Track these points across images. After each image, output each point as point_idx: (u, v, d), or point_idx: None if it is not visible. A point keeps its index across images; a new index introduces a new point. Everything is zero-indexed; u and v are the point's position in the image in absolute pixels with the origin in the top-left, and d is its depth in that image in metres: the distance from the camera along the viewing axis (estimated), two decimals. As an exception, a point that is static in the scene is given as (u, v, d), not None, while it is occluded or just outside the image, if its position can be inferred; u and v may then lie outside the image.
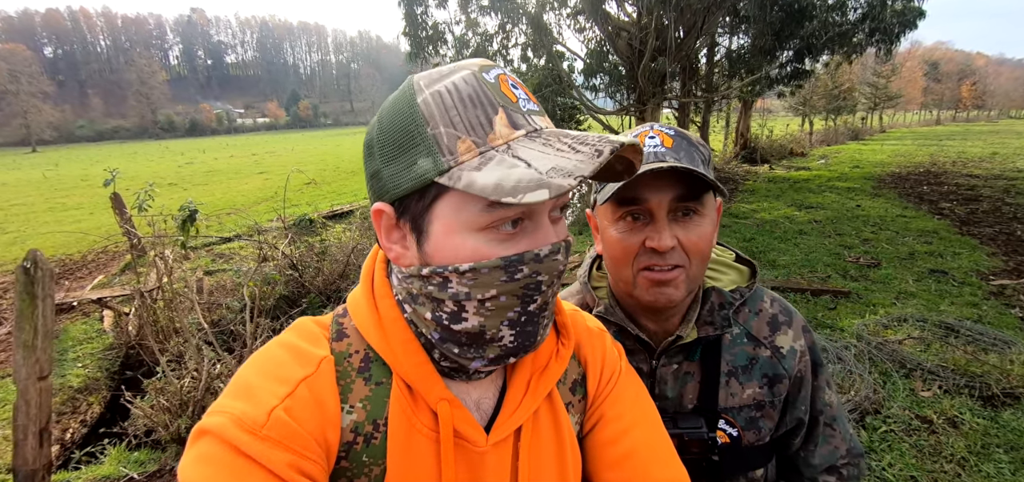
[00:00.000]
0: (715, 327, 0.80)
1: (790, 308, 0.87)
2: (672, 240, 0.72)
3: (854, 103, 31.01)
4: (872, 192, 10.34)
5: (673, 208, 0.73)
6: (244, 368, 0.52)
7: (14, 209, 15.16)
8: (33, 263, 1.67)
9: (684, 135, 0.77)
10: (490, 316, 0.50)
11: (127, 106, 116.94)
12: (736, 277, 0.88)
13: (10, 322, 6.17)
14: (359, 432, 0.52)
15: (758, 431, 0.81)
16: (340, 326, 0.57)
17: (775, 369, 0.81)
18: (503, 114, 0.47)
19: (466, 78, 0.48)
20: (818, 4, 11.64)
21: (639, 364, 0.84)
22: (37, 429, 1.98)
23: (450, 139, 0.46)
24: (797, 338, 0.84)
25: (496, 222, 0.47)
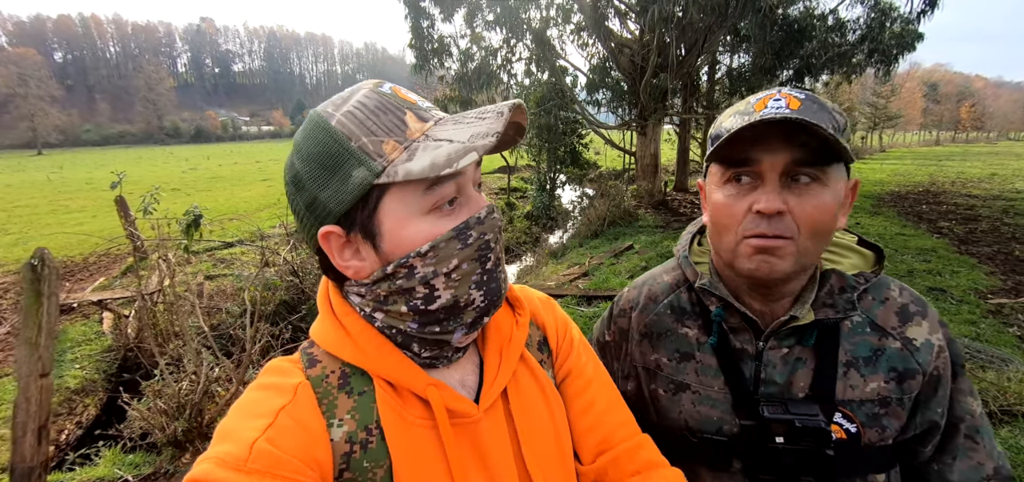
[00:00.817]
0: (836, 310, 0.72)
1: (923, 299, 0.78)
2: (780, 203, 0.66)
3: (854, 122, 31.24)
4: (871, 210, 10.38)
5: (788, 171, 0.66)
6: (226, 418, 0.53)
7: (17, 211, 15.23)
8: (40, 261, 1.71)
9: (815, 98, 0.68)
10: (459, 285, 0.55)
11: (134, 112, 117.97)
12: (859, 261, 0.79)
13: (9, 322, 6.19)
14: (354, 441, 0.54)
15: (881, 430, 0.72)
16: (310, 355, 0.60)
17: (906, 362, 0.72)
18: (411, 114, 0.54)
19: (367, 95, 0.54)
20: (818, 25, 11.81)
21: (743, 344, 0.77)
22: (36, 426, 2.00)
23: (375, 144, 0.51)
24: (934, 331, 0.74)
25: (437, 202, 0.53)
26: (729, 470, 0.77)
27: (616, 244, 8.10)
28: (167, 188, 4.60)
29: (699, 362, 0.80)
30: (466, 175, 0.55)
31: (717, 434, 0.77)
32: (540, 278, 7.14)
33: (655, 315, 0.86)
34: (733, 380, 0.77)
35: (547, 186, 14.09)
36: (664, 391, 0.83)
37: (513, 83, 13.29)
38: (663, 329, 0.84)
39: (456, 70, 12.96)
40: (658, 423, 0.84)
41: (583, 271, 6.55)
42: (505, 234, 11.25)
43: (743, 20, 10.00)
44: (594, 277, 6.20)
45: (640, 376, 0.86)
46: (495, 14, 11.76)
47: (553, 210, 13.50)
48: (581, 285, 5.88)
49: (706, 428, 0.78)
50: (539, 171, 14.58)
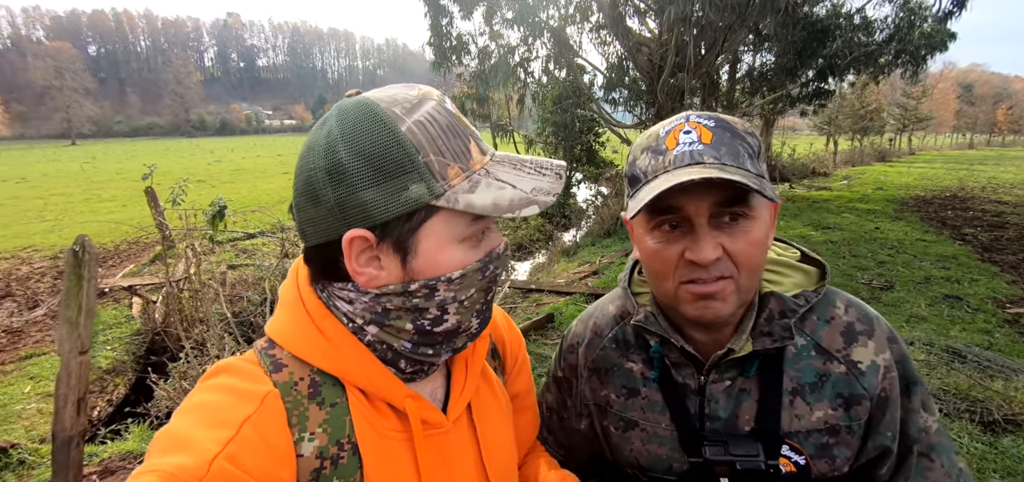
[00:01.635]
0: (774, 338, 0.69)
1: (871, 314, 0.74)
2: (714, 251, 0.64)
3: (882, 124, 30.37)
4: (893, 215, 10.15)
5: (715, 213, 0.64)
6: (173, 421, 0.48)
7: (54, 199, 15.94)
8: (82, 247, 1.87)
9: (726, 125, 0.66)
10: (465, 312, 0.56)
11: (162, 104, 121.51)
12: (801, 279, 0.75)
13: (45, 304, 6.54)
14: (325, 456, 0.52)
15: (831, 460, 0.69)
16: (273, 358, 0.55)
17: (852, 388, 0.69)
18: (474, 144, 0.55)
19: (437, 110, 0.53)
20: (843, 24, 11.57)
21: (686, 379, 0.75)
22: (76, 398, 2.17)
23: (441, 166, 0.51)
24: (881, 351, 0.70)
25: (477, 232, 0.55)
26: None
27: (627, 244, 8.12)
28: (193, 179, 4.84)
29: (645, 398, 0.78)
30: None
31: (667, 473, 0.76)
32: (551, 275, 7.22)
33: (601, 350, 0.84)
34: (678, 417, 0.75)
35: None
36: (615, 428, 0.81)
37: (530, 81, 13.35)
38: (609, 364, 0.82)
39: (474, 67, 13.08)
40: (613, 461, 0.83)
41: (593, 269, 6.61)
42: (519, 231, 11.40)
43: (764, 20, 9.87)
44: (604, 276, 6.26)
45: (593, 413, 0.85)
46: (513, 12, 11.81)
47: (567, 208, 13.53)
48: (590, 283, 5.95)
49: (656, 467, 0.76)
50: (554, 169, 14.59)
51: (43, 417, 3.94)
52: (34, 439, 3.61)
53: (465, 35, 12.53)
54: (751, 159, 0.65)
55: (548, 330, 4.49)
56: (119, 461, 3.25)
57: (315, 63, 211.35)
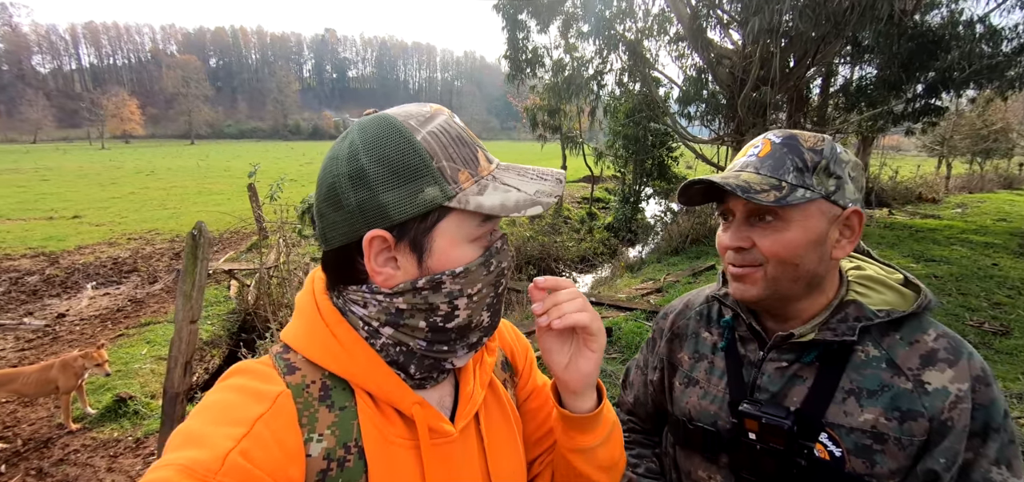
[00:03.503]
0: (835, 334, 0.75)
1: (964, 350, 0.73)
2: (740, 241, 0.77)
3: (1010, 146, 26.40)
4: (1018, 250, 8.84)
5: (749, 212, 0.77)
6: (189, 419, 0.51)
7: (174, 190, 18.27)
8: (199, 232, 2.19)
9: (790, 140, 0.77)
10: (476, 307, 0.59)
11: (265, 110, 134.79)
12: (893, 299, 0.79)
13: (162, 280, 7.51)
14: (332, 458, 0.54)
15: (870, 464, 0.71)
16: (287, 361, 0.58)
17: (911, 403, 0.71)
18: (482, 153, 0.60)
19: (448, 123, 0.58)
20: (962, 33, 10.32)
21: (748, 352, 0.85)
22: (184, 361, 2.52)
23: (452, 171, 0.55)
24: (959, 381, 0.70)
25: (486, 232, 0.58)
26: (717, 462, 0.86)
27: (696, 263, 7.80)
28: (287, 178, 5.36)
29: (710, 363, 0.90)
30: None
31: (711, 425, 0.86)
32: (613, 290, 7.11)
33: (685, 320, 0.98)
34: (733, 381, 0.86)
35: (630, 199, 13.82)
36: (680, 384, 0.94)
37: (603, 93, 13.26)
38: (689, 332, 0.96)
39: (548, 80, 13.23)
40: (672, 412, 0.96)
41: (657, 287, 6.42)
42: (583, 244, 11.32)
43: (863, 30, 9.07)
44: (667, 294, 6.06)
45: (664, 369, 0.99)
46: (590, 25, 11.84)
47: (635, 223, 13.21)
48: (652, 300, 5.79)
49: (703, 420, 0.87)
50: (623, 183, 14.34)
51: (155, 376, 4.55)
52: (147, 394, 4.19)
53: (540, 48, 12.73)
54: (797, 171, 0.74)
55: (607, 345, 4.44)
56: (213, 422, 3.68)
57: (399, 75, 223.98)
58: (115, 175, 23.88)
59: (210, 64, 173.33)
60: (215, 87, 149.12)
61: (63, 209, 13.61)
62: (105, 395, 4.01)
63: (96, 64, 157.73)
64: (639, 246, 12.08)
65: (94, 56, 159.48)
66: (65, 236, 10.24)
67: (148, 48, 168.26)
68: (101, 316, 6.10)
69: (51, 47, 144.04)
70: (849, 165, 0.77)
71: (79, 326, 5.76)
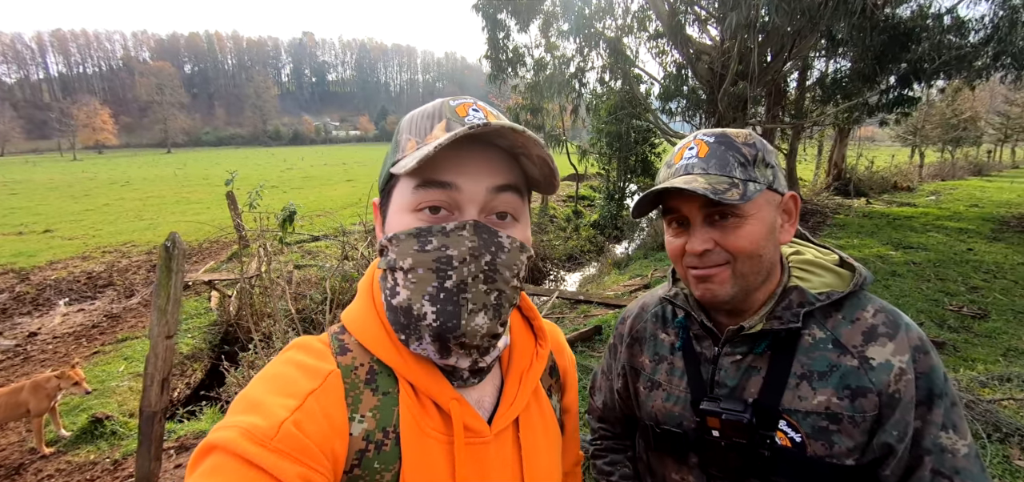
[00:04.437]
0: (781, 321, 0.77)
1: (902, 323, 0.76)
2: (704, 244, 0.75)
3: (978, 134, 27.30)
4: (990, 235, 9.11)
5: (707, 214, 0.75)
6: (250, 387, 0.54)
7: (150, 201, 17.79)
8: (173, 243, 2.10)
9: (724, 139, 0.77)
10: (413, 289, 0.55)
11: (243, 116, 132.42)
12: (832, 280, 0.81)
13: (140, 293, 7.29)
14: (371, 440, 0.55)
15: (829, 445, 0.73)
16: (341, 342, 0.61)
17: (859, 380, 0.72)
18: (445, 122, 0.57)
19: (434, 103, 0.60)
20: (931, 26, 10.59)
21: (703, 350, 0.86)
22: (161, 378, 2.42)
23: (405, 141, 0.58)
24: (900, 353, 0.73)
25: (419, 203, 0.55)
26: (688, 463, 0.86)
27: (683, 257, 7.85)
28: (267, 185, 5.23)
29: (670, 364, 0.90)
30: (461, 191, 0.54)
31: (677, 427, 0.86)
32: (601, 287, 7.11)
33: (643, 322, 0.98)
34: (693, 380, 0.86)
35: (615, 195, 13.89)
36: (643, 388, 0.93)
37: (585, 91, 13.30)
38: (647, 334, 0.96)
39: (529, 79, 13.22)
40: (639, 416, 0.96)
41: (644, 282, 6.44)
42: (570, 242, 11.33)
43: (837, 24, 9.24)
44: (654, 288, 6.08)
45: (627, 374, 0.98)
46: (570, 23, 11.85)
47: (620, 220, 13.28)
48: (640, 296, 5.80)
49: (669, 422, 0.88)
50: (608, 180, 14.41)
51: (133, 394, 4.40)
52: (124, 413, 4.04)
53: (521, 47, 12.71)
54: (742, 166, 0.75)
55: (595, 343, 4.43)
56: (193, 439, 3.56)
57: (379, 77, 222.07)
58: (88, 187, 23.17)
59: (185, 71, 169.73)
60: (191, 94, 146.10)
61: (33, 223, 13.14)
62: (80, 416, 3.85)
63: (65, 73, 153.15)
64: (625, 243, 12.15)
65: (63, 65, 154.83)
66: (36, 251, 9.88)
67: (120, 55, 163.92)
68: (75, 333, 5.88)
69: (17, 56, 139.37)
70: (773, 153, 0.80)
71: (52, 345, 5.55)
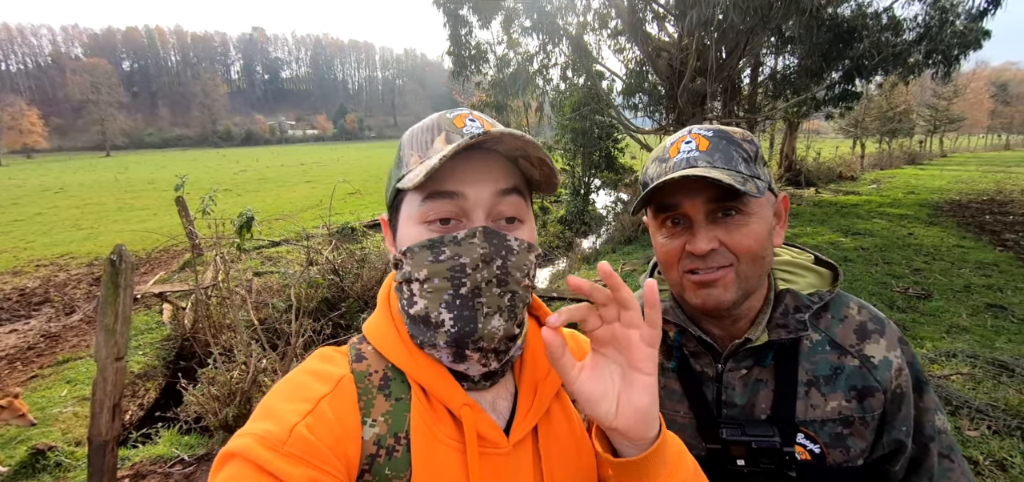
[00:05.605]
0: (788, 330, 0.74)
1: (882, 317, 0.78)
2: (709, 243, 0.71)
3: (911, 126, 29.35)
4: (927, 220, 9.79)
5: (710, 211, 0.72)
6: (268, 395, 0.56)
7: (89, 208, 16.56)
8: (119, 257, 1.92)
9: (724, 134, 0.74)
10: (430, 298, 0.56)
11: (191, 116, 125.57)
12: (815, 280, 0.81)
13: (82, 309, 6.76)
14: (381, 445, 0.55)
15: (846, 450, 0.71)
16: (358, 351, 0.63)
17: (865, 380, 0.72)
18: (444, 135, 0.58)
19: (433, 116, 0.62)
20: (871, 24, 11.26)
21: (704, 367, 0.80)
22: (111, 404, 2.23)
23: (408, 156, 0.59)
24: (892, 348, 0.74)
25: (427, 215, 0.56)
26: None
27: (650, 250, 8.01)
28: (220, 188, 4.92)
29: (664, 387, 0.82)
30: (467, 198, 0.55)
31: None
32: (572, 283, 7.15)
33: None
34: (696, 403, 0.78)
35: (581, 191, 14.04)
36: None
37: (549, 88, 13.34)
38: None
39: (492, 76, 13.14)
40: None
41: (615, 277, 6.52)
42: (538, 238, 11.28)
43: (787, 22, 9.66)
44: (627, 284, 6.17)
45: None
46: (532, 20, 11.85)
47: (587, 215, 13.44)
48: (613, 291, 5.87)
49: None
50: (573, 175, 14.55)
51: (79, 420, 4.06)
52: (70, 442, 3.72)
53: (484, 44, 12.60)
54: (746, 162, 0.72)
55: (570, 338, 4.43)
56: (150, 465, 3.31)
57: (336, 74, 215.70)
58: (16, 194, 21.33)
59: (123, 68, 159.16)
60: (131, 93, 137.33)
61: (-48, 237, 11.97)
62: (18, 448, 3.51)
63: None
64: (592, 237, 12.30)
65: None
66: (-44, 268, 8.99)
67: (48, 52, 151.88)
68: (8, 356, 5.38)
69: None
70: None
71: (-21, 370, 5.05)
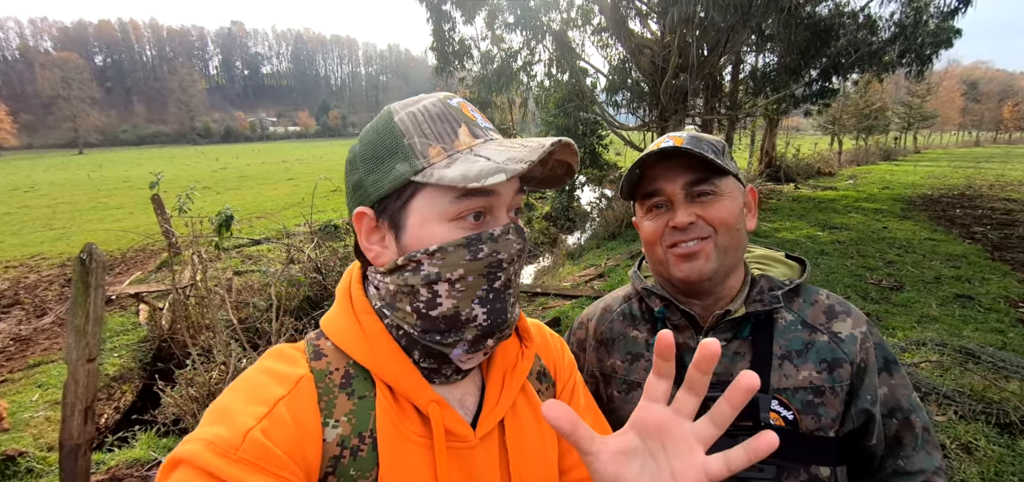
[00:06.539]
0: (764, 304, 0.82)
1: (849, 303, 0.87)
2: (688, 217, 0.79)
3: (886, 123, 30.14)
4: (901, 214, 10.07)
5: (688, 192, 0.80)
6: (221, 396, 0.52)
7: (61, 207, 16.05)
8: (89, 255, 1.87)
9: (695, 135, 0.83)
10: (462, 296, 0.55)
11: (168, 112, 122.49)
12: (787, 271, 0.91)
13: (53, 311, 6.57)
14: (345, 445, 0.53)
15: (817, 417, 0.78)
16: (316, 347, 0.59)
17: (834, 353, 0.80)
18: (466, 127, 0.56)
19: (434, 102, 0.58)
20: (847, 23, 11.52)
21: (686, 340, 0.85)
22: (83, 407, 2.17)
23: (423, 146, 0.54)
24: (858, 326, 0.82)
25: (463, 212, 0.54)
26: None
27: (633, 245, 8.09)
28: (198, 186, 4.82)
29: (647, 361, 0.88)
30: (500, 196, 0.56)
31: None
32: (556, 278, 7.19)
33: (608, 323, 0.95)
34: (678, 373, 0.82)
35: (566, 187, 14.11)
36: (618, 392, 0.90)
37: (533, 84, 13.35)
38: (616, 334, 0.94)
39: (477, 72, 13.09)
40: (614, 425, 0.89)
41: (599, 272, 6.58)
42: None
43: (767, 20, 9.83)
44: (609, 278, 6.23)
45: (598, 381, 0.95)
46: (515, 16, 11.83)
47: (571, 211, 13.51)
48: (596, 286, 5.92)
49: None
50: (558, 172, 14.60)
51: (51, 425, 3.94)
52: (42, 447, 3.61)
53: (467, 40, 12.54)
54: (714, 153, 0.80)
55: (554, 333, 4.46)
56: (126, 469, 3.24)
57: (318, 70, 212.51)
58: (-18, 194, 20.58)
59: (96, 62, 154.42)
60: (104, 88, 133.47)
61: (-86, 238, 11.49)
62: (-15, 454, 3.40)
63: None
64: (577, 233, 12.38)
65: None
66: (-82, 270, 8.64)
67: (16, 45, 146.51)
68: (-26, 360, 5.20)
69: None
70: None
71: (-56, 375, 4.87)
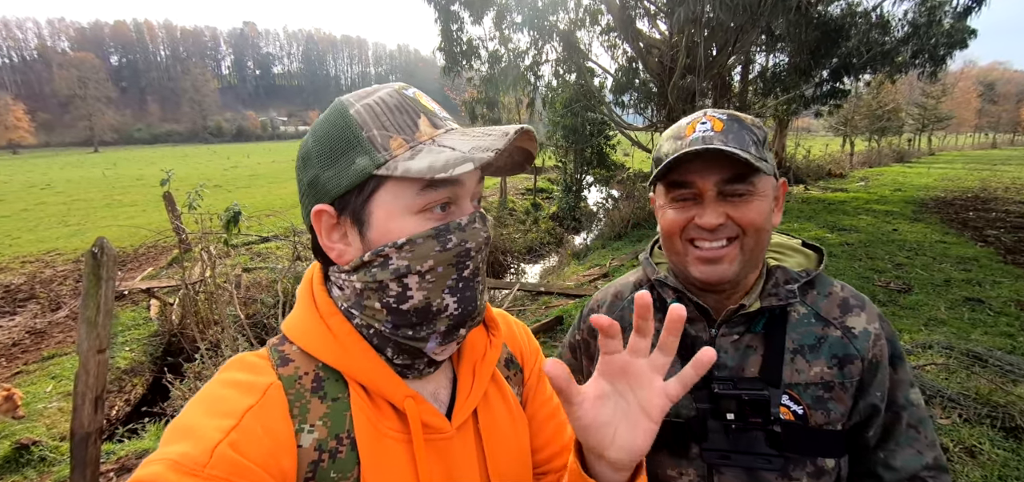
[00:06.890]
0: (779, 298, 0.79)
1: (862, 296, 0.85)
2: (718, 218, 0.75)
3: (900, 124, 29.71)
4: (912, 216, 9.93)
5: (721, 190, 0.76)
6: (183, 412, 0.50)
7: (76, 204, 16.37)
8: (100, 249, 1.93)
9: (736, 118, 0.78)
10: (432, 288, 0.55)
11: (181, 112, 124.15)
12: (803, 260, 0.88)
13: (68, 306, 6.71)
14: (323, 449, 0.53)
15: (827, 412, 0.77)
16: (281, 353, 0.58)
17: (846, 349, 0.78)
18: (425, 118, 0.56)
19: (390, 93, 0.57)
20: (859, 23, 11.38)
21: (698, 332, 0.84)
22: (93, 396, 2.23)
23: (383, 138, 0.53)
24: (872, 321, 0.81)
25: (429, 204, 0.54)
26: (688, 455, 0.81)
27: (638, 246, 8.08)
28: (210, 185, 4.91)
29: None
30: (464, 185, 0.56)
31: (675, 417, 0.82)
32: (561, 278, 7.21)
33: (620, 311, 0.93)
34: (685, 361, 0.83)
35: (573, 188, 14.10)
36: None
37: (540, 84, 13.36)
38: (627, 323, 0.90)
39: (484, 72, 13.14)
40: None
41: (603, 272, 6.58)
42: (530, 235, 11.41)
43: (776, 20, 9.75)
44: (613, 278, 6.23)
45: None
46: (523, 16, 11.85)
47: (578, 211, 13.50)
48: (600, 286, 5.92)
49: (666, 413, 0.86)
50: (565, 172, 14.60)
51: (63, 415, 4.04)
52: (54, 436, 3.71)
53: (475, 40, 12.58)
54: (756, 146, 0.76)
55: (557, 333, 4.48)
56: (136, 459, 3.31)
57: (329, 70, 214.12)
58: (1, 191, 21.00)
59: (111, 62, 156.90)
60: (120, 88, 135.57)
61: (-65, 233, 11.78)
62: (2, 443, 3.50)
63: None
64: (584, 233, 12.37)
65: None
66: (-61, 264, 8.87)
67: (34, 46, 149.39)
68: (-9, 352, 5.33)
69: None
70: None
71: (-37, 367, 5.00)
